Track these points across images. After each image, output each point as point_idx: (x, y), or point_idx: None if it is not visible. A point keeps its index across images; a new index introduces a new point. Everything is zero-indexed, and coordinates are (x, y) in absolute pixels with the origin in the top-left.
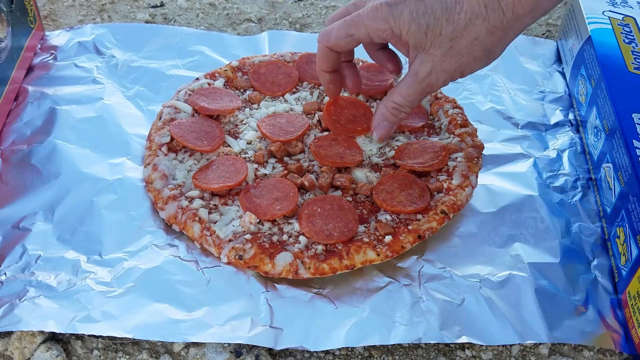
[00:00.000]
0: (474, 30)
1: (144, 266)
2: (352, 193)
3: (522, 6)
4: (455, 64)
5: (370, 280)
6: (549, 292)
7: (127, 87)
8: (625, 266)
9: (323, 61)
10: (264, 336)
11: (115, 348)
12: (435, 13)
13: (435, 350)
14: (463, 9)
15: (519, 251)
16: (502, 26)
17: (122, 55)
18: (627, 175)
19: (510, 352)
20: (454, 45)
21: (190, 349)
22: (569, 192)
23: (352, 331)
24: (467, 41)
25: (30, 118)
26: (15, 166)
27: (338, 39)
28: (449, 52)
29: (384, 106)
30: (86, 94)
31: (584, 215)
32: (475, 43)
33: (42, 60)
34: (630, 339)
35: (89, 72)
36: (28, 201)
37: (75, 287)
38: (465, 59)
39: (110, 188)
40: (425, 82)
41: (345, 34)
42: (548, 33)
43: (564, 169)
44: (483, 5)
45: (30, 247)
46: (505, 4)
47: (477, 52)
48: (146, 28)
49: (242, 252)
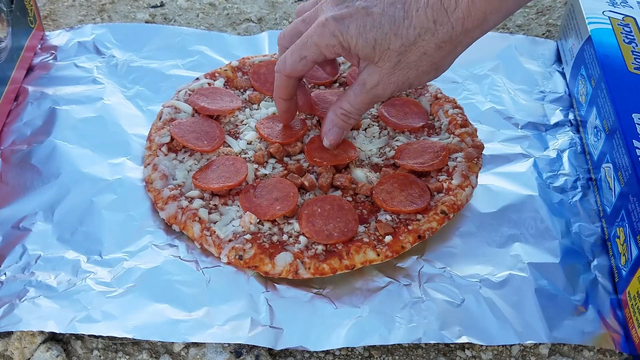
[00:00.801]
0: (422, 45)
1: (144, 266)
2: (352, 193)
3: (472, 20)
4: (403, 77)
5: (370, 281)
6: (549, 292)
7: (127, 87)
8: (625, 266)
9: (282, 90)
10: (264, 336)
11: (115, 348)
12: (383, 27)
13: (435, 350)
14: (412, 24)
15: (519, 251)
16: (450, 40)
17: (122, 55)
18: (627, 175)
19: (510, 352)
20: (402, 60)
21: (190, 349)
22: (569, 192)
23: (352, 331)
24: (415, 56)
25: (30, 118)
26: (15, 166)
27: (294, 64)
28: (397, 66)
29: (333, 112)
30: (86, 94)
31: (584, 215)
32: (424, 57)
33: (42, 60)
34: (630, 339)
35: (89, 72)
36: (28, 201)
37: (75, 287)
38: (414, 72)
39: (110, 188)
40: (372, 92)
41: (298, 57)
42: (548, 33)
43: (564, 169)
44: (432, 20)
45: (30, 247)
46: (455, 19)
47: (425, 66)
48: (146, 28)
49: (242, 252)
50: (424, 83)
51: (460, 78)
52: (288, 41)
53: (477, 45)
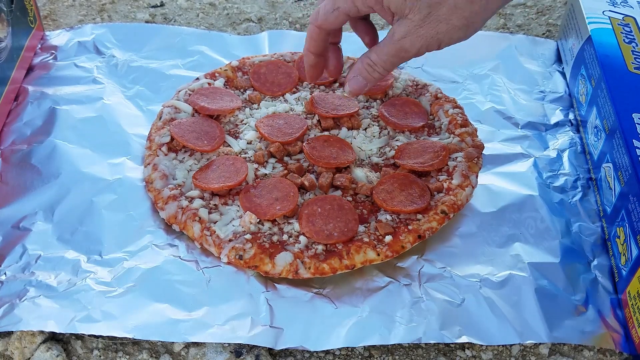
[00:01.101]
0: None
1: (144, 266)
2: (352, 193)
3: None
4: (433, 30)
5: (371, 280)
6: (549, 292)
7: (127, 87)
8: (626, 266)
9: (312, 42)
10: (264, 336)
11: (116, 348)
12: None
13: (435, 350)
14: None
15: (519, 251)
16: None
17: (122, 55)
18: (627, 175)
19: (510, 352)
20: (432, 12)
21: (191, 348)
22: (569, 192)
23: (352, 331)
24: (446, 8)
25: (30, 118)
26: (15, 166)
27: (326, 14)
28: (427, 18)
29: (360, 61)
30: (86, 94)
31: (584, 215)
32: (455, 11)
33: (42, 60)
34: (631, 338)
35: (89, 72)
36: (28, 201)
37: (75, 287)
38: (444, 26)
39: (110, 188)
40: (399, 44)
41: (331, 8)
42: (548, 33)
43: (564, 169)
44: None
45: (31, 247)
46: None
47: (456, 20)
48: (146, 28)
49: (242, 252)
50: (454, 42)
51: (460, 78)
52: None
53: (477, 45)
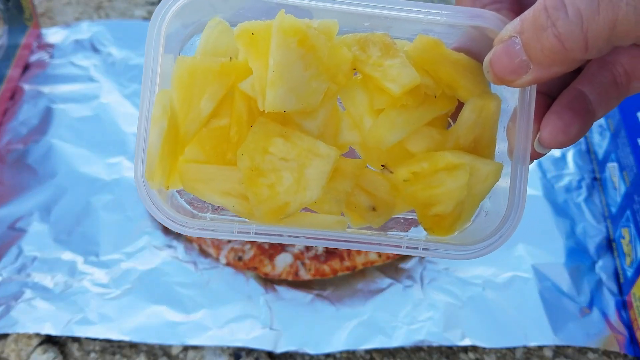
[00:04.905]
0: None
1: (141, 267)
2: None
3: None
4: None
5: (372, 282)
6: (553, 294)
7: (124, 85)
8: (631, 267)
9: None
10: (263, 339)
11: (113, 351)
12: None
13: (438, 352)
14: None
15: (522, 252)
16: None
17: (119, 53)
18: (632, 174)
19: (514, 355)
20: None
21: (189, 351)
22: (573, 192)
23: (354, 334)
24: None
25: (26, 117)
26: (11, 166)
27: None
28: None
29: None
30: (83, 92)
31: (589, 216)
32: None
33: (39, 58)
34: (635, 340)
35: (85, 70)
36: (24, 201)
37: (71, 288)
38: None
39: (107, 188)
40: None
41: None
42: None
43: (568, 169)
44: None
45: (27, 248)
46: None
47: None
48: (144, 25)
49: (241, 253)
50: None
51: None
52: None
53: None
